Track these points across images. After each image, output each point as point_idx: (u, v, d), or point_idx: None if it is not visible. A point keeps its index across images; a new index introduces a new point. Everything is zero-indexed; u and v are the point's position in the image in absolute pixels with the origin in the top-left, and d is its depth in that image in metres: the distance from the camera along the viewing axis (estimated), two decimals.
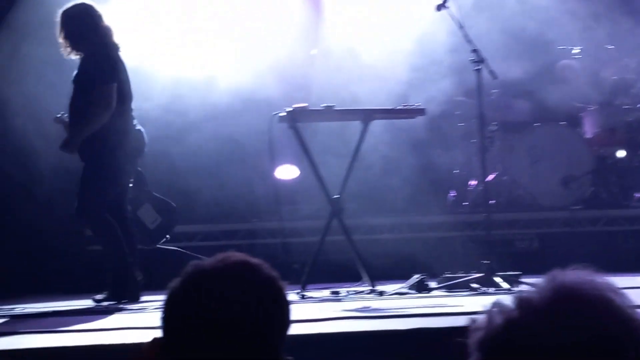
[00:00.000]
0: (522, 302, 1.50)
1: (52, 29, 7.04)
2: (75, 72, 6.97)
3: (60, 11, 6.97)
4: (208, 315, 1.88)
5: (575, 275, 1.53)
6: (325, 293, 7.06)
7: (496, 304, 1.53)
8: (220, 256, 1.99)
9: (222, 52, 8.52)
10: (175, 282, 1.96)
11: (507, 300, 1.52)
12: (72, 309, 6.79)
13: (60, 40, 6.96)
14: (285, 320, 1.96)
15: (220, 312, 1.88)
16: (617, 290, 1.53)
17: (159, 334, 1.92)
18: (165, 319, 1.95)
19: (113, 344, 4.51)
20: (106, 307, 6.70)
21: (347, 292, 7.09)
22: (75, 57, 6.99)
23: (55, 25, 6.98)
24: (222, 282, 1.92)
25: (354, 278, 7.50)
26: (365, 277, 7.17)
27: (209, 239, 9.06)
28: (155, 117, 8.02)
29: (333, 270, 8.48)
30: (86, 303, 7.00)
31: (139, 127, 7.12)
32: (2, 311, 6.65)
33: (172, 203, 7.91)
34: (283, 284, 1.99)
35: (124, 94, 6.91)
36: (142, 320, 5.65)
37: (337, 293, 7.06)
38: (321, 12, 9.29)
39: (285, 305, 1.97)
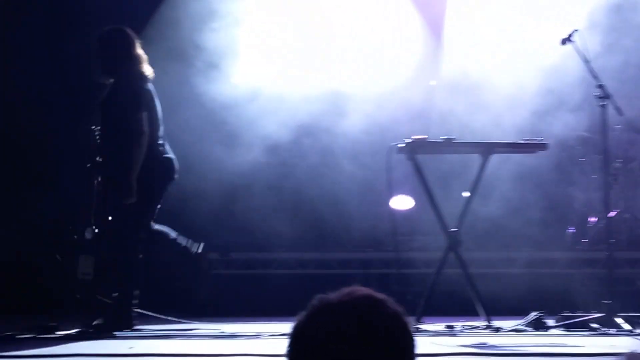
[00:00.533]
0: None
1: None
2: (103, 96, 7.06)
3: (98, 33, 7.06)
4: (333, 350, 1.88)
5: None
6: (440, 327, 6.99)
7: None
8: (345, 290, 1.99)
9: (346, 79, 8.59)
10: (301, 315, 1.97)
11: None
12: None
13: (96, 63, 7.03)
14: (410, 356, 1.95)
15: (346, 347, 1.88)
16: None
17: None
18: (291, 351, 1.96)
19: None
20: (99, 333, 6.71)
21: (463, 326, 7.00)
22: (106, 82, 7.08)
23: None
24: (348, 317, 1.92)
25: (469, 312, 7.42)
26: (481, 312, 7.08)
27: (323, 267, 9.09)
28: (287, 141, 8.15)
29: (447, 303, 8.41)
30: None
31: (169, 154, 7.17)
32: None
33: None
34: (408, 319, 1.98)
35: (152, 122, 6.97)
36: (260, 348, 5.69)
37: (452, 327, 6.98)
38: (441, 42, 9.27)
39: (410, 341, 1.97)
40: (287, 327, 6.05)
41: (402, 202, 9.85)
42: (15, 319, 7.40)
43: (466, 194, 7.37)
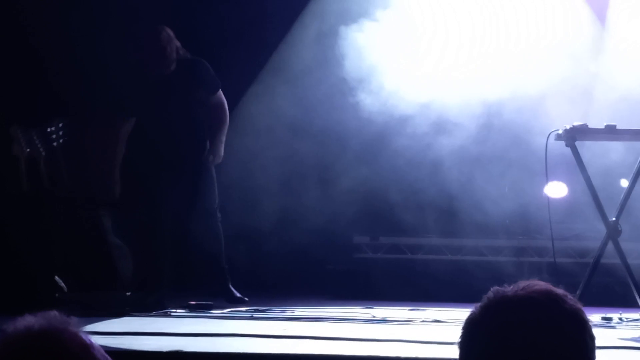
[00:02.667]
0: None
1: None
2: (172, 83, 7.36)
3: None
4: (508, 343, 1.85)
5: None
6: (597, 318, 6.81)
7: None
8: (522, 284, 1.95)
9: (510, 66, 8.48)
10: (476, 307, 1.94)
11: None
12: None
13: (173, 54, 7.33)
14: (588, 355, 1.89)
15: (520, 341, 1.84)
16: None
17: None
18: (464, 343, 1.93)
19: (392, 356, 4.56)
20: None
21: (620, 318, 6.80)
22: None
23: None
24: (525, 311, 1.88)
25: (627, 304, 7.21)
26: None
27: (472, 253, 8.99)
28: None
29: (604, 294, 8.20)
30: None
31: None
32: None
33: None
34: (587, 318, 1.92)
35: None
36: (412, 334, 5.67)
37: (609, 319, 6.79)
38: (606, 27, 9.00)
39: (589, 339, 1.90)
40: (438, 313, 6.05)
41: (556, 190, 9.63)
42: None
43: (625, 183, 7.14)
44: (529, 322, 1.86)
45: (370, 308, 7.27)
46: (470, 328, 1.93)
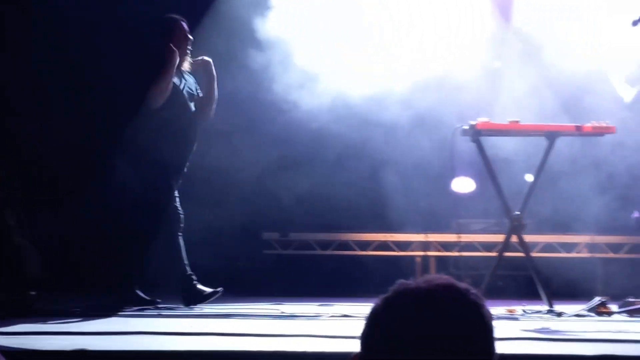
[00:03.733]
0: None
1: None
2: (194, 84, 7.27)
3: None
4: (409, 336, 1.86)
5: None
6: (501, 310, 6.93)
7: None
8: (425, 277, 1.96)
9: (402, 61, 8.51)
10: (379, 299, 1.95)
11: None
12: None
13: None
14: (487, 349, 1.92)
15: (422, 335, 1.86)
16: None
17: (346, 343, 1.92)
18: (366, 335, 1.94)
19: (299, 351, 4.56)
20: None
21: (524, 311, 6.94)
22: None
23: None
24: (426, 304, 1.89)
25: (531, 296, 7.36)
26: (543, 296, 7.01)
27: (380, 248, 9.06)
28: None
29: (509, 287, 8.37)
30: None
31: None
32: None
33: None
34: (489, 311, 1.94)
35: None
36: (320, 329, 5.69)
37: (513, 311, 6.92)
38: (509, 23, 9.15)
39: (488, 332, 1.93)
40: (346, 308, 6.06)
41: (463, 185, 9.77)
42: None
43: (529, 178, 7.29)
44: (429, 315, 1.87)
45: (279, 304, 7.27)
46: (372, 320, 1.94)
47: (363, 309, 6.50)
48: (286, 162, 8.94)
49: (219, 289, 7.18)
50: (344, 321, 6.27)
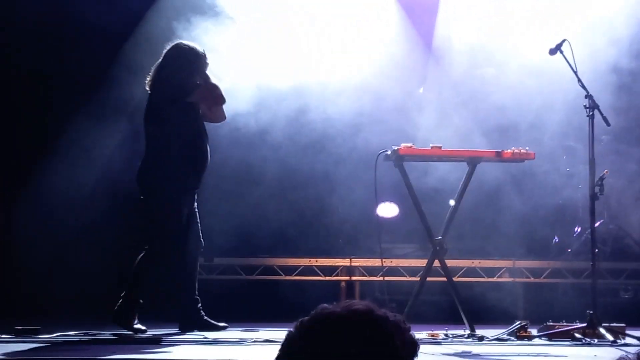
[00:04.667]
0: None
1: None
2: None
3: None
4: None
5: None
6: (424, 335, 6.98)
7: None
8: (345, 303, 1.96)
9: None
10: (298, 323, 1.94)
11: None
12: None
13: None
14: None
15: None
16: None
17: None
18: (281, 357, 1.94)
19: None
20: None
21: (446, 335, 7.00)
22: None
23: None
24: (342, 330, 1.89)
25: (453, 321, 7.43)
26: (465, 320, 7.08)
27: (305, 273, 9.07)
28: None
29: (432, 311, 8.43)
30: None
31: None
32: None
33: None
34: (406, 337, 1.93)
35: None
36: (244, 354, 5.67)
37: (435, 336, 6.97)
38: (432, 50, 9.28)
39: (407, 357, 1.93)
40: (270, 333, 6.02)
41: (388, 210, 9.86)
42: None
43: (452, 202, 7.37)
44: (344, 341, 1.87)
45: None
46: (288, 346, 1.93)
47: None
48: (209, 187, 8.91)
49: (224, 325, 7.26)
50: (268, 346, 6.25)
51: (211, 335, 6.86)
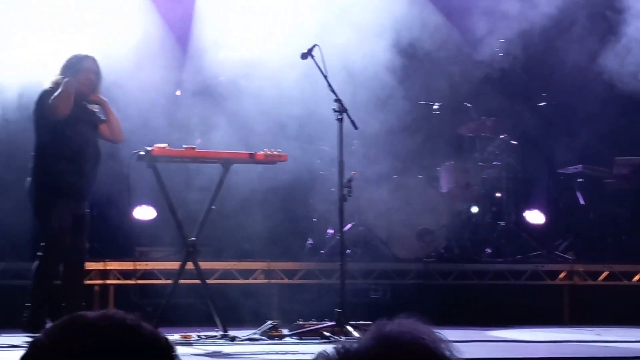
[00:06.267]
0: (344, 352, 1.51)
1: None
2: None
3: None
4: None
5: (398, 325, 1.58)
6: (176, 337, 6.95)
7: (321, 354, 1.55)
8: (99, 312, 1.90)
9: None
10: (50, 329, 1.86)
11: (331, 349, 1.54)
12: None
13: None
14: None
15: None
16: (437, 339, 1.59)
17: None
18: None
19: None
20: None
21: (199, 336, 7.00)
22: None
23: None
24: (98, 338, 1.84)
25: (208, 322, 7.43)
26: (217, 321, 7.10)
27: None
28: None
29: (186, 314, 8.39)
30: None
31: None
32: None
33: None
34: (166, 343, 1.90)
35: None
36: None
37: (188, 337, 6.96)
38: (187, 52, 9.28)
39: None
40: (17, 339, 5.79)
41: (144, 212, 9.74)
42: None
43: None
44: (98, 350, 1.81)
45: None
46: (36, 350, 1.84)
47: None
48: None
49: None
50: (12, 351, 6.03)
51: None
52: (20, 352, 1.73)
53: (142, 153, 7.01)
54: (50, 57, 7.42)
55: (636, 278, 9.37)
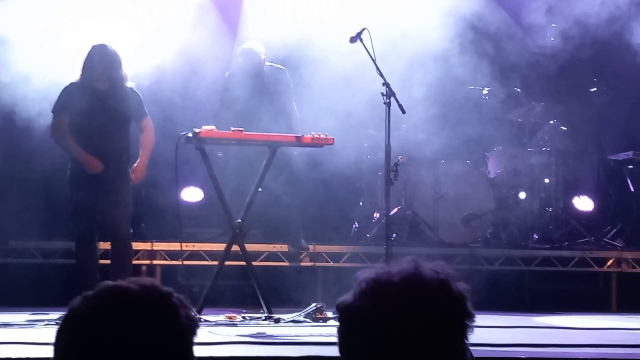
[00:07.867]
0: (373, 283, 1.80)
1: None
2: None
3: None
4: (110, 335, 1.83)
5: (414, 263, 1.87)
6: (221, 317, 7.01)
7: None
8: (131, 279, 1.94)
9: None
10: (78, 300, 1.90)
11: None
12: None
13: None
14: (182, 353, 1.91)
15: (117, 334, 1.83)
16: (449, 274, 1.90)
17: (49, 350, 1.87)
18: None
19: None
20: None
21: (243, 317, 7.05)
22: None
23: None
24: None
25: (253, 304, 7.48)
26: (262, 303, 7.14)
27: (105, 257, 8.86)
28: None
29: (232, 295, 8.45)
30: None
31: None
32: None
33: None
34: (189, 316, 1.93)
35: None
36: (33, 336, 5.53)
37: (232, 318, 7.01)
38: (237, 33, 9.31)
39: (183, 336, 1.92)
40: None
41: (191, 194, 9.82)
42: None
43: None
44: (127, 316, 1.85)
45: None
46: (74, 319, 1.88)
47: None
48: None
49: None
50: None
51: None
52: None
53: (190, 135, 7.03)
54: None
55: None
